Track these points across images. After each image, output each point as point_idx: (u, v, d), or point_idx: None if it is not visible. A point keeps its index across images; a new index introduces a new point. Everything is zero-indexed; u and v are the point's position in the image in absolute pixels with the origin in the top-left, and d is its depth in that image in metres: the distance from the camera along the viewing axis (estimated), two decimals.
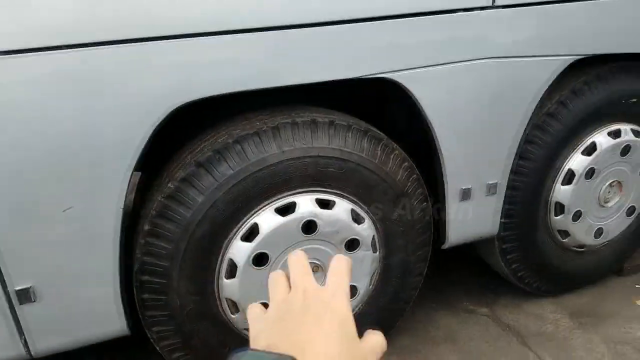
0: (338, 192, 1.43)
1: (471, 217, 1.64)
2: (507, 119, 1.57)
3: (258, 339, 0.49)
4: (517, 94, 1.54)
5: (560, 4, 1.46)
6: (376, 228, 1.51)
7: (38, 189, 1.16)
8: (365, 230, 1.47)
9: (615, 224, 1.90)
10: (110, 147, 1.18)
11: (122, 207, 1.25)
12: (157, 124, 1.20)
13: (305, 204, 1.39)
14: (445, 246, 1.67)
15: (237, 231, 1.38)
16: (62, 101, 1.11)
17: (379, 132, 1.47)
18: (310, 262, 0.70)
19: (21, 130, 1.11)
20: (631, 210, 1.90)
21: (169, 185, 1.33)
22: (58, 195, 1.17)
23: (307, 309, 0.50)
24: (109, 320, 1.35)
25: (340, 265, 0.54)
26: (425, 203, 1.57)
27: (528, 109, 1.58)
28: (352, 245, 1.45)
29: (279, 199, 1.39)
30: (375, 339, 0.51)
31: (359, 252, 1.47)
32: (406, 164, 1.51)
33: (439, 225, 1.65)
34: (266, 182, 1.35)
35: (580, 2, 1.49)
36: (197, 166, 1.32)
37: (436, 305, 1.98)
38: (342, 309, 0.50)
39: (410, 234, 1.57)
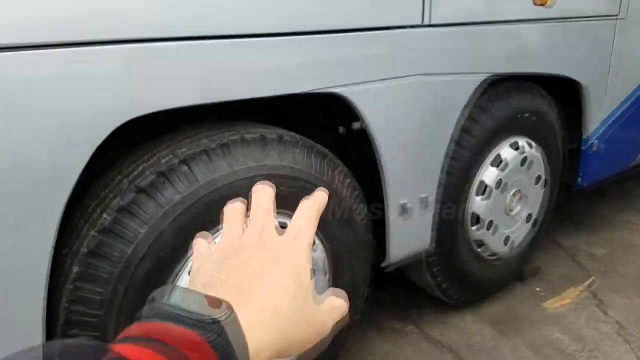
0: (289, 212, 1.35)
1: (409, 232, 1.66)
2: (436, 134, 1.65)
3: (196, 276, 0.41)
4: (443, 110, 1.64)
5: (481, 26, 1.60)
6: (325, 249, 1.45)
7: None
8: (317, 252, 1.41)
9: (519, 232, 2.08)
10: (43, 176, 0.98)
11: (53, 245, 1.03)
12: (96, 145, 1.03)
13: None
14: (385, 264, 1.66)
15: (184, 265, 1.23)
16: None
17: (323, 148, 1.44)
18: None
19: None
20: (529, 217, 2.11)
21: (104, 216, 1.13)
22: None
23: (260, 250, 0.43)
24: None
25: (309, 209, 0.46)
26: (367, 221, 1.56)
27: (451, 125, 1.68)
28: None
29: None
30: (336, 301, 0.44)
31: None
32: (349, 180, 1.49)
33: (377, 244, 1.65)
34: (217, 205, 1.22)
35: (496, 25, 1.64)
36: (138, 192, 1.15)
37: (363, 328, 1.95)
38: (300, 258, 0.43)
39: (355, 253, 1.54)
